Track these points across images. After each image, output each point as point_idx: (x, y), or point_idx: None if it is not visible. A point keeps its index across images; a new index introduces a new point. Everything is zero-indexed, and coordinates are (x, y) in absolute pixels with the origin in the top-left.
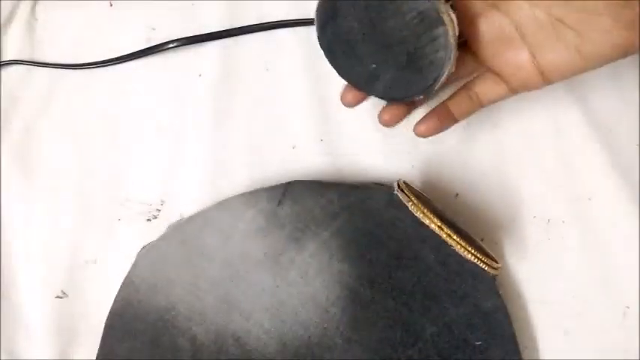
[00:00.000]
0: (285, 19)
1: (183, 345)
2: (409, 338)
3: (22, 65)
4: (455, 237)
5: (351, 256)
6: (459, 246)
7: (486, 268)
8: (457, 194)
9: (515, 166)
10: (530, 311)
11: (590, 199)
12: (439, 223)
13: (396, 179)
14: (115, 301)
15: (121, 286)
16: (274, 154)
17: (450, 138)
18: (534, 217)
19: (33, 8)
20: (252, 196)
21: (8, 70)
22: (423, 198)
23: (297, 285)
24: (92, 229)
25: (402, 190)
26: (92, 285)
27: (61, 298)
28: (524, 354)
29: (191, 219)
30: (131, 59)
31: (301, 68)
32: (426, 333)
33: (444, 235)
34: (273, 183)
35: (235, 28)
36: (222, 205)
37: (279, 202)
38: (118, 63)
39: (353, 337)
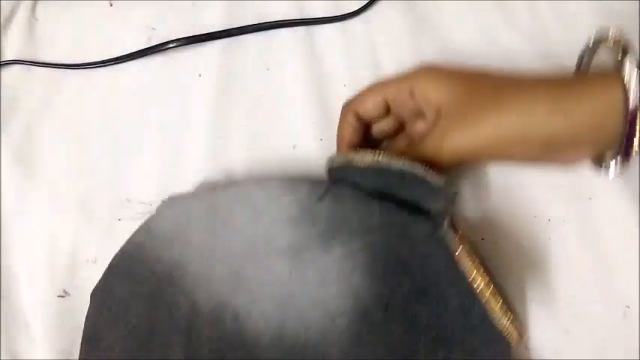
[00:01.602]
0: (285, 19)
1: (182, 305)
2: None
3: (22, 65)
4: (498, 297)
5: (375, 275)
6: (498, 308)
7: (513, 339)
8: (456, 193)
9: (516, 166)
10: (530, 311)
11: (590, 199)
12: (487, 280)
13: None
14: (128, 242)
15: (138, 230)
16: (274, 154)
17: None
18: (534, 217)
19: (33, 8)
20: (294, 183)
21: (8, 70)
22: (468, 240)
23: (311, 285)
24: (92, 229)
25: (453, 230)
26: (93, 285)
27: (63, 297)
28: (525, 353)
29: (226, 187)
30: (131, 59)
31: (301, 68)
32: None
33: (488, 294)
34: None
35: (235, 28)
36: (261, 184)
37: (320, 199)
38: (118, 63)
39: (350, 353)
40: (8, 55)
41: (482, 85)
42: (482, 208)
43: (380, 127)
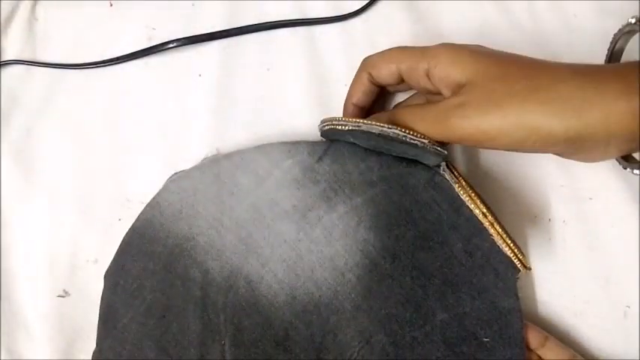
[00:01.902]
0: (285, 19)
1: (195, 276)
2: (418, 320)
3: (22, 65)
4: (496, 226)
5: (379, 227)
6: (499, 236)
7: (519, 265)
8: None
9: (516, 166)
10: (531, 311)
11: (590, 199)
12: (484, 210)
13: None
14: (138, 219)
15: (147, 206)
16: None
17: None
18: (535, 217)
19: (33, 8)
20: (294, 146)
21: (8, 70)
22: (468, 182)
23: (319, 243)
24: (92, 229)
25: (450, 171)
26: (93, 285)
27: (62, 297)
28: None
29: (229, 156)
30: (131, 59)
31: (301, 68)
32: (437, 319)
33: (487, 223)
34: None
35: (235, 28)
36: (262, 149)
37: (319, 158)
38: (118, 63)
39: (363, 305)
40: (8, 55)
41: (511, 69)
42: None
43: (395, 88)
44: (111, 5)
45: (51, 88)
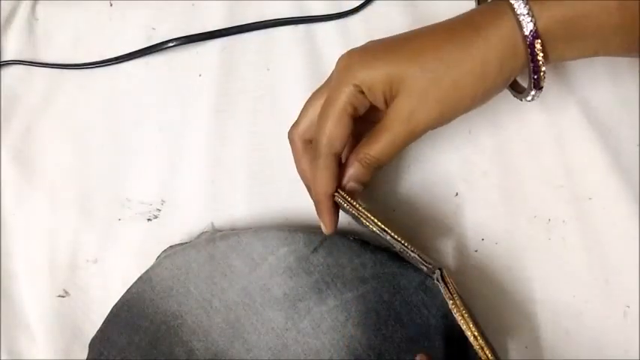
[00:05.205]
0: (285, 17)
1: (179, 355)
2: None
3: (22, 65)
4: (487, 350)
5: (368, 325)
6: (481, 350)
7: None
8: (457, 193)
9: (516, 166)
10: (531, 311)
11: (590, 199)
12: (476, 333)
13: (438, 265)
14: (128, 292)
15: (138, 280)
16: (274, 153)
17: (452, 138)
18: (534, 217)
19: (33, 8)
20: (290, 234)
21: (8, 70)
22: (459, 295)
23: (306, 334)
24: (92, 229)
25: (445, 284)
26: (93, 285)
27: (62, 297)
28: (525, 353)
29: (225, 237)
30: (131, 59)
31: (301, 67)
32: None
33: (477, 346)
34: (274, 182)
35: (235, 27)
36: (259, 234)
37: (315, 249)
38: (118, 63)
39: None
40: (8, 55)
41: (400, 53)
42: (483, 207)
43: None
44: (111, 5)
45: (51, 88)
